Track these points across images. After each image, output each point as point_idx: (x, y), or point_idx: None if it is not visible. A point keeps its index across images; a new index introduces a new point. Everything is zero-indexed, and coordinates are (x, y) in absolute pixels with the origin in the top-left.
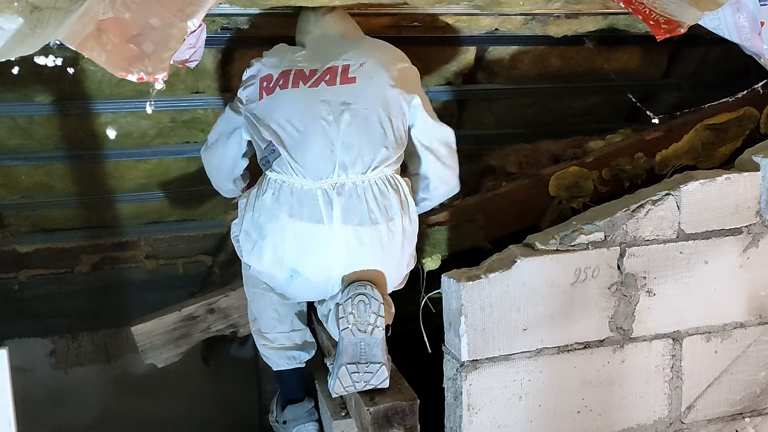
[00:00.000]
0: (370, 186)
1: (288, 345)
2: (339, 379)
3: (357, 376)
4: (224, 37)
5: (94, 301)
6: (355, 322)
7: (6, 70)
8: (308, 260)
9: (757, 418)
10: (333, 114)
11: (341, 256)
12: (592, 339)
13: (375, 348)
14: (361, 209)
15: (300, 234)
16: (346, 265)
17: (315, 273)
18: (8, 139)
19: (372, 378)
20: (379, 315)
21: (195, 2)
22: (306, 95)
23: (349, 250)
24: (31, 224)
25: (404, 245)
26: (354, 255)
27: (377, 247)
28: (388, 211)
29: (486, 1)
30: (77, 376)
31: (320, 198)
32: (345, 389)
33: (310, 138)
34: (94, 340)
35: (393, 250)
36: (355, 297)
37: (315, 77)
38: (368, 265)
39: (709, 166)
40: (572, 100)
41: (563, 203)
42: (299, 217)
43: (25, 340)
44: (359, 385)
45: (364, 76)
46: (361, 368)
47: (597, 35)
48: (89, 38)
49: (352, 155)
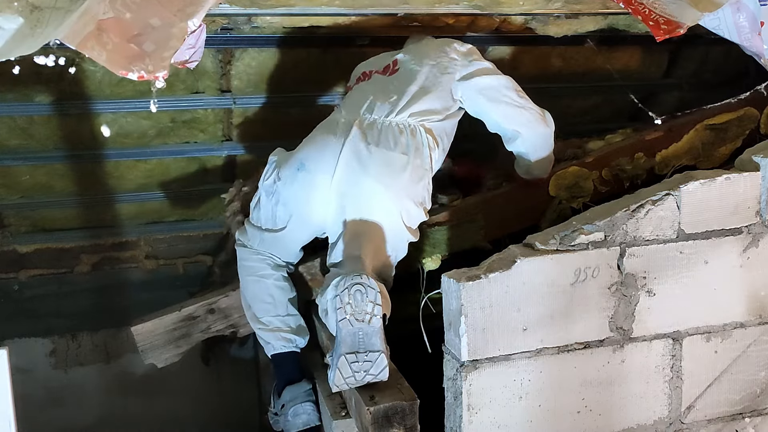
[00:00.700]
0: (391, 126)
1: (283, 327)
2: (339, 369)
3: (356, 365)
4: (224, 37)
5: (94, 301)
6: (352, 312)
7: (6, 70)
8: (315, 157)
9: (757, 418)
10: (376, 84)
11: (350, 164)
12: (592, 339)
13: (373, 337)
14: (376, 135)
15: (314, 138)
16: (348, 175)
17: (320, 172)
18: (8, 139)
19: (372, 367)
20: (376, 304)
21: (195, 2)
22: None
23: (358, 161)
24: (31, 224)
25: (412, 178)
26: (358, 166)
27: (384, 167)
28: (401, 146)
29: (486, 1)
30: (77, 376)
31: (344, 122)
32: (345, 381)
33: (354, 96)
34: (94, 340)
35: (400, 178)
36: (352, 287)
37: (371, 73)
38: (371, 185)
39: (709, 166)
40: (572, 100)
41: (563, 203)
42: (319, 129)
43: (25, 340)
44: (359, 376)
45: (405, 62)
46: (360, 357)
47: (597, 35)
48: (89, 38)
49: (379, 101)
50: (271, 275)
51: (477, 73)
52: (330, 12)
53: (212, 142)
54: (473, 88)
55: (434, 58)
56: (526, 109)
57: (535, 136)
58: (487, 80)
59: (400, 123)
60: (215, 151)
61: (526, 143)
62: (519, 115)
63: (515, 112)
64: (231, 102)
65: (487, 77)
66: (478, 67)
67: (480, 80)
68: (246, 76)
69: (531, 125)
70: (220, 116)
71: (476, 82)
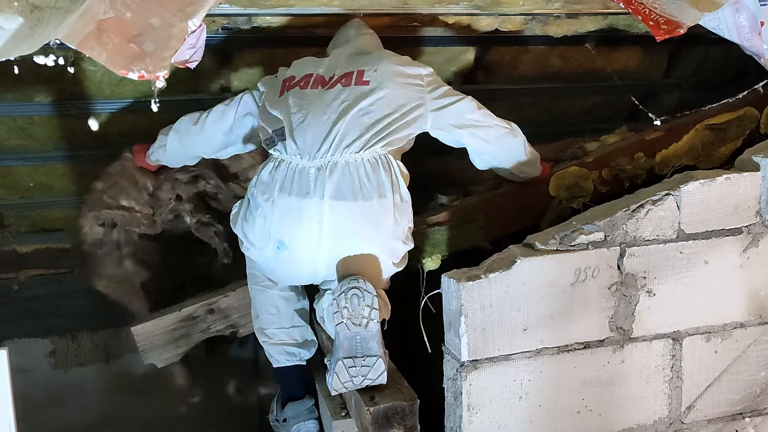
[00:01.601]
0: (363, 164)
1: (287, 341)
2: (336, 374)
3: (354, 370)
4: (224, 37)
5: (94, 301)
6: (349, 316)
7: (6, 70)
8: (294, 232)
9: (757, 418)
10: (343, 104)
11: (329, 230)
12: (592, 339)
13: (371, 341)
14: (353, 185)
15: (287, 207)
16: (334, 241)
17: (301, 246)
18: (8, 139)
19: (369, 372)
20: (373, 308)
21: (195, 2)
22: (322, 94)
23: (339, 225)
24: (31, 224)
25: (397, 220)
26: (343, 230)
27: (368, 223)
28: (379, 187)
29: (486, 1)
30: (77, 376)
31: (312, 175)
32: (343, 385)
33: (313, 121)
34: (94, 340)
35: (385, 226)
36: (349, 291)
37: (332, 81)
38: (358, 243)
39: (709, 166)
40: (572, 100)
41: (563, 203)
42: (288, 191)
43: (25, 340)
44: (357, 380)
45: (376, 79)
46: (358, 362)
47: (597, 35)
48: (90, 37)
49: (349, 135)
50: (275, 286)
51: (446, 102)
52: (330, 12)
53: None
54: (445, 120)
55: (406, 79)
56: (492, 127)
57: (505, 149)
58: (454, 108)
59: (372, 157)
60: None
61: (498, 158)
62: (486, 134)
63: (482, 133)
64: None
65: (454, 105)
66: (443, 92)
67: (449, 110)
68: (246, 76)
69: (499, 141)
70: None
71: (446, 113)
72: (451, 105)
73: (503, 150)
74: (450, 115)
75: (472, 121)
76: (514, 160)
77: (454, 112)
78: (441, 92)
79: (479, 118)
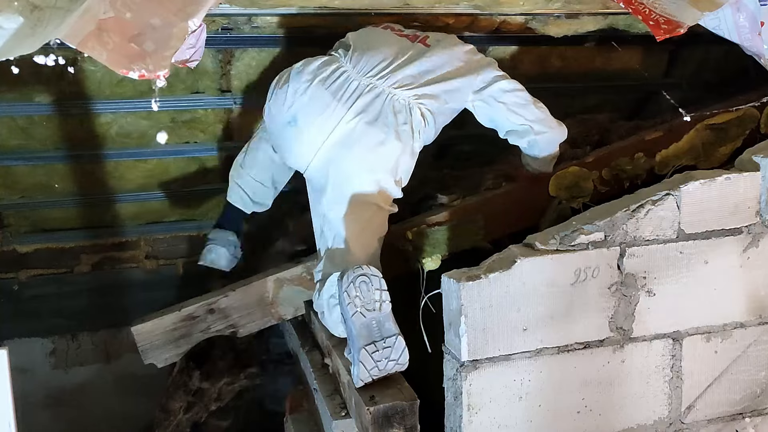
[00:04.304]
0: (398, 101)
1: (247, 189)
2: (362, 363)
3: (377, 354)
4: (224, 37)
5: (94, 301)
6: (362, 303)
7: (6, 70)
8: (309, 118)
9: (757, 418)
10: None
11: (338, 136)
12: (592, 339)
13: (386, 322)
14: (380, 113)
15: (318, 96)
16: (337, 148)
17: (307, 133)
18: (8, 139)
19: (392, 352)
20: (383, 290)
21: (195, 2)
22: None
23: (349, 137)
24: (31, 224)
25: (398, 163)
26: (350, 143)
27: (374, 148)
28: (398, 127)
29: (486, 1)
30: (77, 376)
31: (353, 86)
32: (370, 373)
33: (377, 47)
34: (94, 340)
35: (385, 160)
36: (357, 279)
37: (402, 33)
38: (356, 163)
39: (709, 166)
40: (572, 100)
41: (563, 203)
42: (326, 86)
43: (25, 340)
44: (382, 364)
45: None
46: (379, 345)
47: (597, 35)
48: (90, 37)
49: (401, 72)
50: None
51: (494, 81)
52: (330, 12)
53: (212, 142)
54: (491, 97)
55: (465, 53)
56: (535, 106)
57: (550, 137)
58: (502, 85)
59: (403, 99)
60: (215, 151)
61: (538, 138)
62: (530, 113)
63: (527, 110)
64: (231, 102)
65: (503, 82)
66: (495, 74)
67: (497, 86)
68: (246, 76)
69: (543, 122)
70: (220, 116)
71: (493, 91)
72: (500, 82)
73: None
74: (498, 92)
75: (518, 97)
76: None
77: (502, 89)
78: (494, 74)
79: (526, 96)
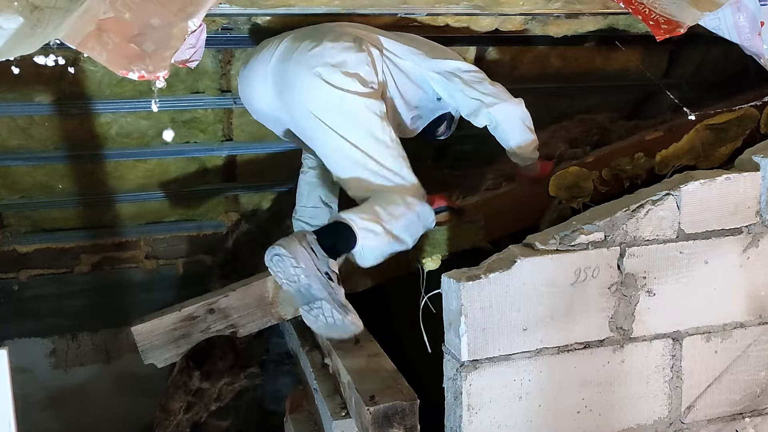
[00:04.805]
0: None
1: (302, 216)
2: (304, 318)
3: (313, 312)
4: (224, 37)
5: (94, 301)
6: (285, 277)
7: (6, 70)
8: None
9: (757, 418)
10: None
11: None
12: (592, 339)
13: (311, 289)
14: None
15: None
16: (278, 66)
17: (258, 103)
18: (8, 139)
19: (322, 314)
20: (297, 266)
21: (195, 2)
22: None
23: (286, 52)
24: (31, 224)
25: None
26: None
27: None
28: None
29: (486, 1)
30: (77, 376)
31: (275, 43)
32: (316, 327)
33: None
34: (94, 340)
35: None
36: (272, 258)
37: None
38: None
39: (709, 166)
40: (572, 100)
41: (563, 203)
42: (253, 59)
43: (25, 340)
44: (321, 320)
45: None
46: (313, 306)
47: (597, 35)
48: (90, 37)
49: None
50: (304, 172)
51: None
52: (329, 12)
53: (212, 142)
54: (449, 72)
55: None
56: (490, 83)
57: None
58: (460, 65)
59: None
60: (215, 151)
61: (492, 112)
62: (483, 87)
63: (482, 86)
64: (231, 102)
65: (462, 63)
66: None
67: (454, 64)
68: None
69: (495, 95)
70: (220, 116)
71: (451, 66)
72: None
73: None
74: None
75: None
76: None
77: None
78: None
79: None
